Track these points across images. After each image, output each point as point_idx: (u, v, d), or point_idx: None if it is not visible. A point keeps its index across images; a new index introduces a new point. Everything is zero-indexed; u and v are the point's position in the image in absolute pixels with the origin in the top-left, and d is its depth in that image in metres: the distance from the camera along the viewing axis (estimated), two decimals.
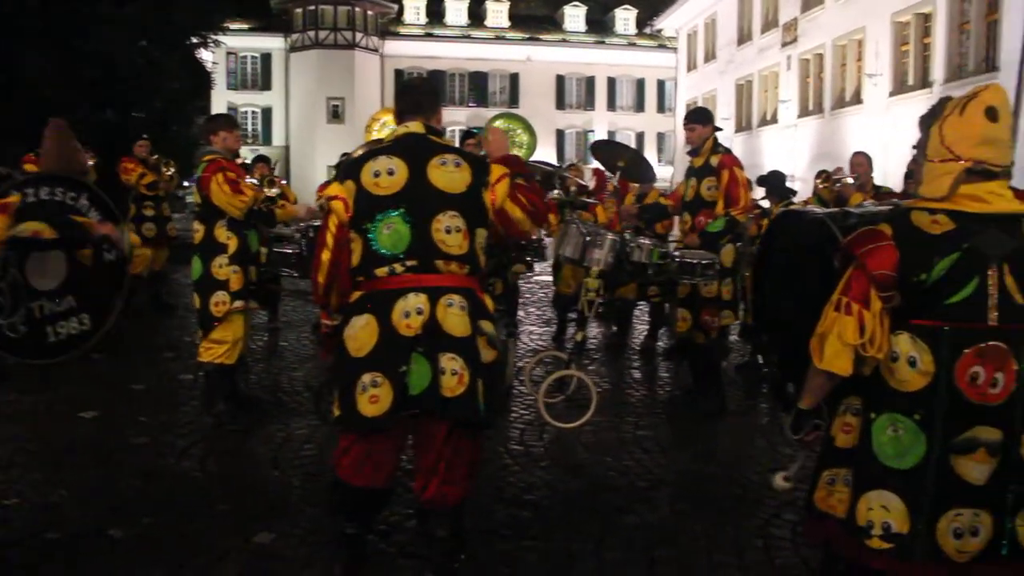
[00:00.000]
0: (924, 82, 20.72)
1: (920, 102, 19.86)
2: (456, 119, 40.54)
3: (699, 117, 6.14)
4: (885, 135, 19.80)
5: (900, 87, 21.57)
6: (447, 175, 3.23)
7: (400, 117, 3.45)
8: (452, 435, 3.19)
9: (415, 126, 3.36)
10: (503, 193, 3.34)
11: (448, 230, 3.19)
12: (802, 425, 2.64)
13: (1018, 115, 17.14)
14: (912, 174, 3.41)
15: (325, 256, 3.31)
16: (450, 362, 3.10)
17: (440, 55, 44.57)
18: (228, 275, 5.45)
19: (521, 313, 10.68)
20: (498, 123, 12.05)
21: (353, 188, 3.25)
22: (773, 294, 3.67)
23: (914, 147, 2.64)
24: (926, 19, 20.92)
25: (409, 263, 3.16)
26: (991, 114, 2.43)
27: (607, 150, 6.75)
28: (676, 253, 5.86)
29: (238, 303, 5.49)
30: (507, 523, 4.12)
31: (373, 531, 3.71)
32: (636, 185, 8.36)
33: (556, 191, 5.91)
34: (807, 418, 2.64)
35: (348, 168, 3.35)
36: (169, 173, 9.98)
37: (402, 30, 45.13)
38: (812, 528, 2.78)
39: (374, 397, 3.09)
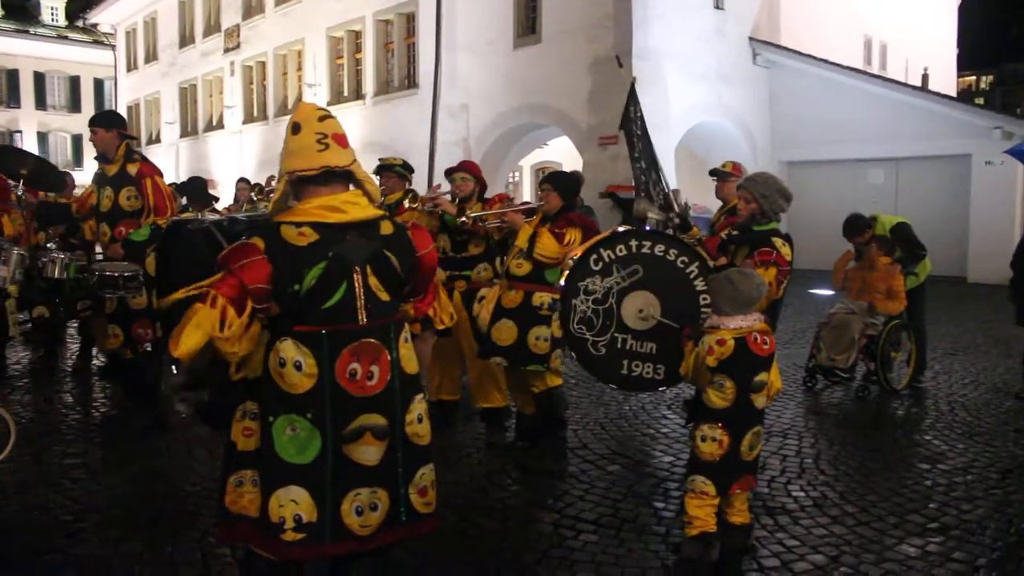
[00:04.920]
0: (358, 94, 22.31)
1: (355, 112, 21.34)
2: None
3: (103, 120, 5.86)
4: None
5: (337, 97, 22.91)
6: None
7: None
8: None
9: None
10: None
11: None
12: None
13: (435, 129, 19.30)
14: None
15: None
16: None
17: None
18: None
19: None
20: None
21: None
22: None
23: None
24: (357, 36, 22.50)
25: None
26: (294, 129, 2.74)
27: (8, 158, 6.15)
28: (95, 266, 5.53)
29: None
30: None
31: None
32: (51, 195, 7.71)
33: None
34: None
35: None
36: None
37: None
38: (227, 531, 2.84)
39: None
